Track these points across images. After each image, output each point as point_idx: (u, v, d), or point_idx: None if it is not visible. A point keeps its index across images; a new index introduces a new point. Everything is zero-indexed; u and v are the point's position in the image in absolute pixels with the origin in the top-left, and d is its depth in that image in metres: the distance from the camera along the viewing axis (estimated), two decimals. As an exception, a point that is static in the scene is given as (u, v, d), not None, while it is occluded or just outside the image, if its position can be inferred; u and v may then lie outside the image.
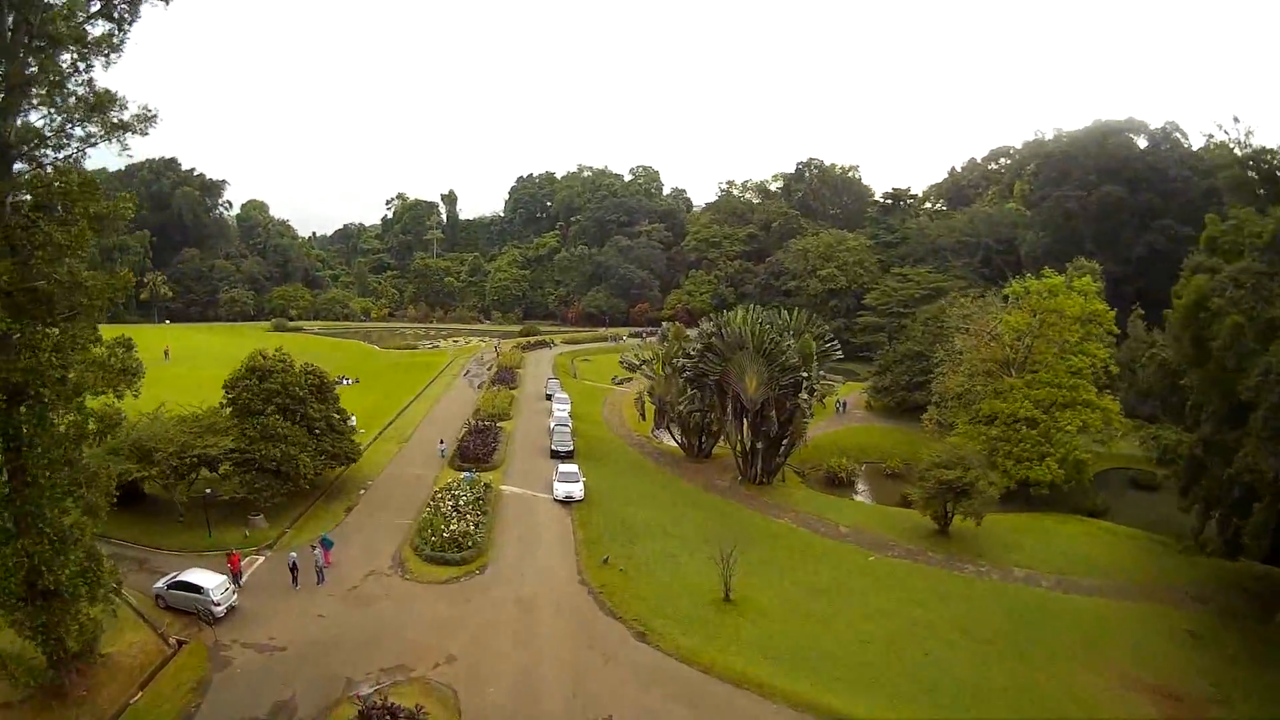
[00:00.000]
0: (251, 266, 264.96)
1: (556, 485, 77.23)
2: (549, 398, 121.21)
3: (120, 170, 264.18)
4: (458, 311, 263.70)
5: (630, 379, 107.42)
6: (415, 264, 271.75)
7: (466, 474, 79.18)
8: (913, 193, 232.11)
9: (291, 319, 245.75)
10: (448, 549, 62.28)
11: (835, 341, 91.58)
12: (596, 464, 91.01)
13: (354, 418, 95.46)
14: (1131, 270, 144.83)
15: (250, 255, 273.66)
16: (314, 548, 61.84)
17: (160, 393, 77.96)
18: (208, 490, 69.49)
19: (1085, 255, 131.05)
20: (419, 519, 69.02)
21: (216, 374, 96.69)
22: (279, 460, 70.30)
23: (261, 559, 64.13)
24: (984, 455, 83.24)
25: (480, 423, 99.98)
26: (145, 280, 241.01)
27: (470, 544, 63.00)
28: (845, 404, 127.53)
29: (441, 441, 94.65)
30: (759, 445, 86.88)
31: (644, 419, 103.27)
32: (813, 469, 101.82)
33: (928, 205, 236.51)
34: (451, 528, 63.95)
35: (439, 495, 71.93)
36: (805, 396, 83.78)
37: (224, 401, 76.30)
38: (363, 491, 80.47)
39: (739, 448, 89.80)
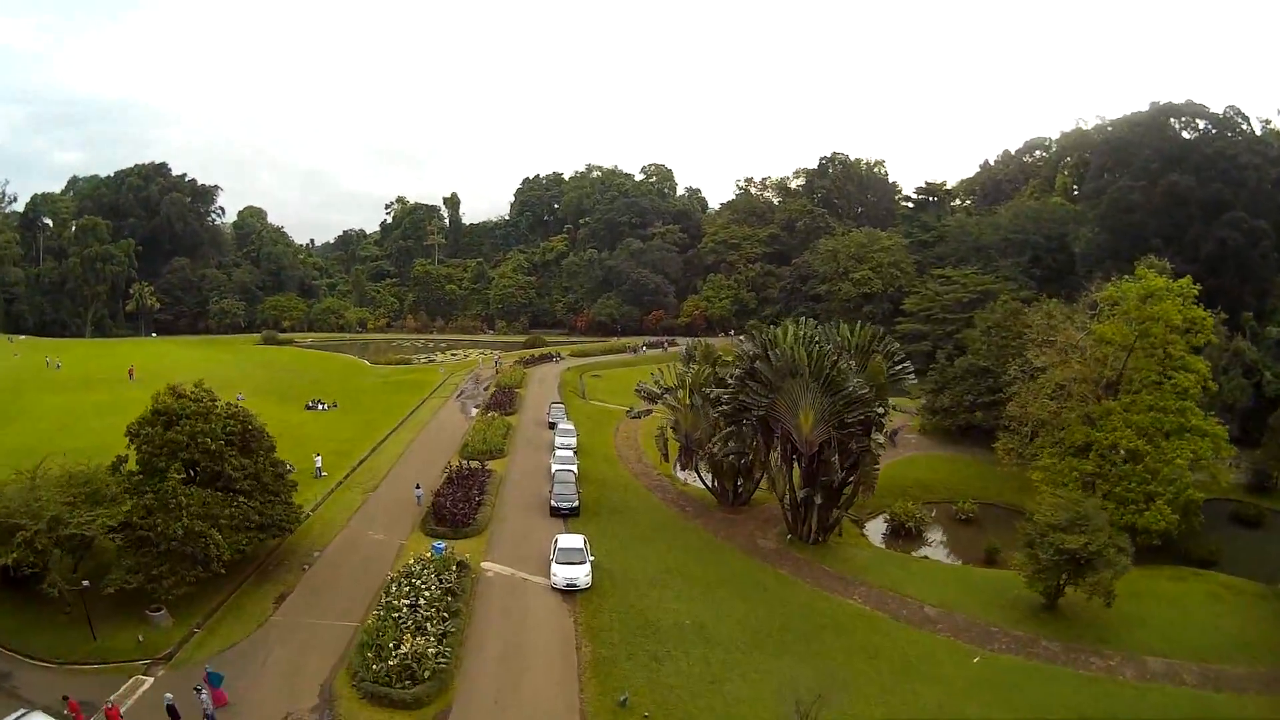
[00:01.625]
0: (243, 275, 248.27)
1: (555, 568, 56.58)
2: (552, 426, 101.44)
3: (108, 177, 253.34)
4: (459, 321, 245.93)
5: (649, 410, 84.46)
6: (415, 271, 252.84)
7: (436, 547, 58.76)
8: (947, 187, 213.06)
9: (284, 331, 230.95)
10: (396, 681, 42.09)
11: (908, 363, 70.86)
12: (609, 519, 71.76)
13: (319, 457, 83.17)
14: (1200, 268, 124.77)
15: (243, 264, 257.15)
16: (198, 689, 41.27)
17: (110, 424, 68.67)
18: (85, 582, 49.13)
19: (1150, 252, 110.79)
20: (365, 623, 48.90)
21: None
22: (181, 538, 50.26)
23: (149, 682, 44.71)
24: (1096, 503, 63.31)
25: (465, 465, 79.93)
26: (131, 291, 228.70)
27: (428, 672, 42.76)
28: (896, 431, 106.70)
29: (418, 486, 75.39)
30: (815, 497, 66.52)
31: (666, 459, 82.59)
32: (869, 514, 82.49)
33: (956, 201, 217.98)
34: (403, 648, 43.38)
35: (395, 585, 51.32)
36: (879, 438, 63.97)
37: (120, 458, 58.45)
38: (306, 568, 60.60)
39: (787, 498, 69.57)
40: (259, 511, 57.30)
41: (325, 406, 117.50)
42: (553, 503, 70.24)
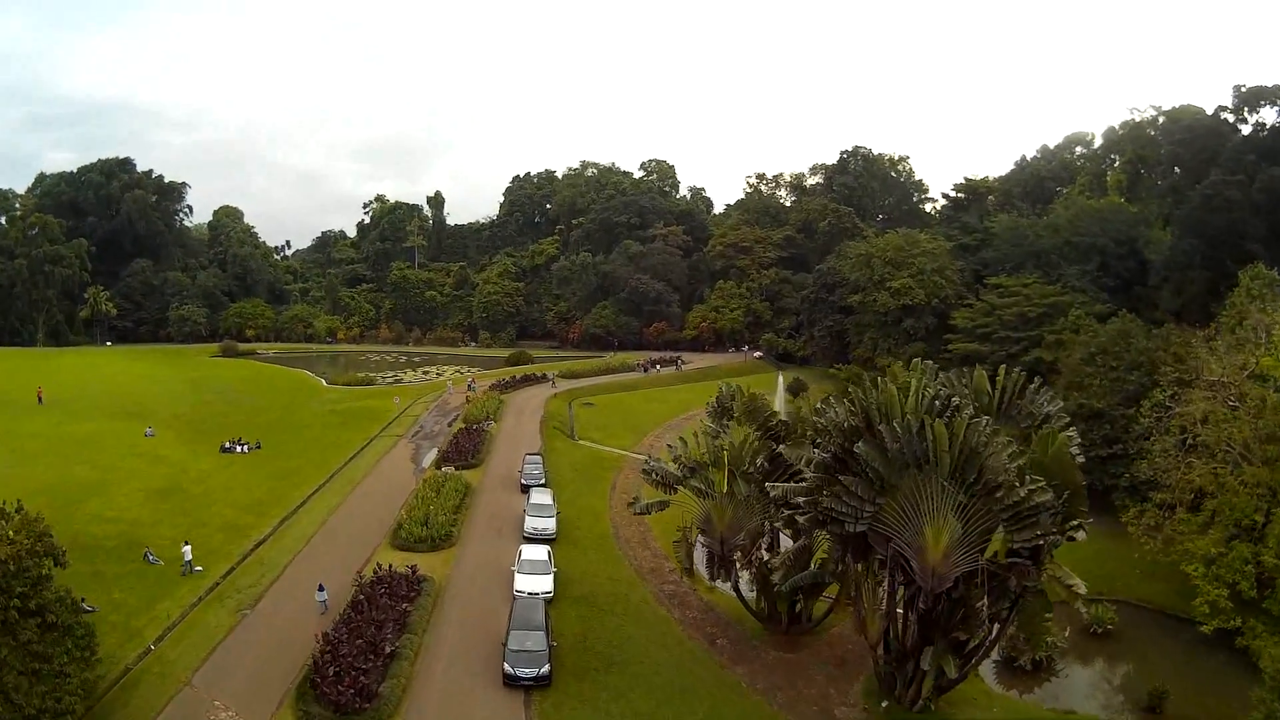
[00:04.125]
0: (208, 280, 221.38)
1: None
2: (525, 490, 73.38)
3: (68, 173, 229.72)
4: (440, 331, 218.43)
5: (664, 504, 54.73)
6: (392, 275, 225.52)
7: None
8: (988, 184, 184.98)
9: (247, 340, 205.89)
10: None
11: (1072, 431, 43.38)
12: (600, 684, 44.04)
13: (188, 547, 56.95)
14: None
15: (210, 267, 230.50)
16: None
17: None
18: None
19: (1252, 259, 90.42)
20: None
21: (88, 431, 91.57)
22: None
23: None
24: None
25: (387, 570, 51.71)
26: (86, 296, 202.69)
27: None
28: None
29: (322, 589, 51.01)
30: (938, 661, 39.08)
31: (689, 572, 53.49)
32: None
33: (990, 199, 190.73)
34: None
35: None
36: (1060, 574, 38.01)
37: None
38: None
39: (892, 645, 42.42)
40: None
41: (245, 448, 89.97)
42: (507, 666, 41.68)
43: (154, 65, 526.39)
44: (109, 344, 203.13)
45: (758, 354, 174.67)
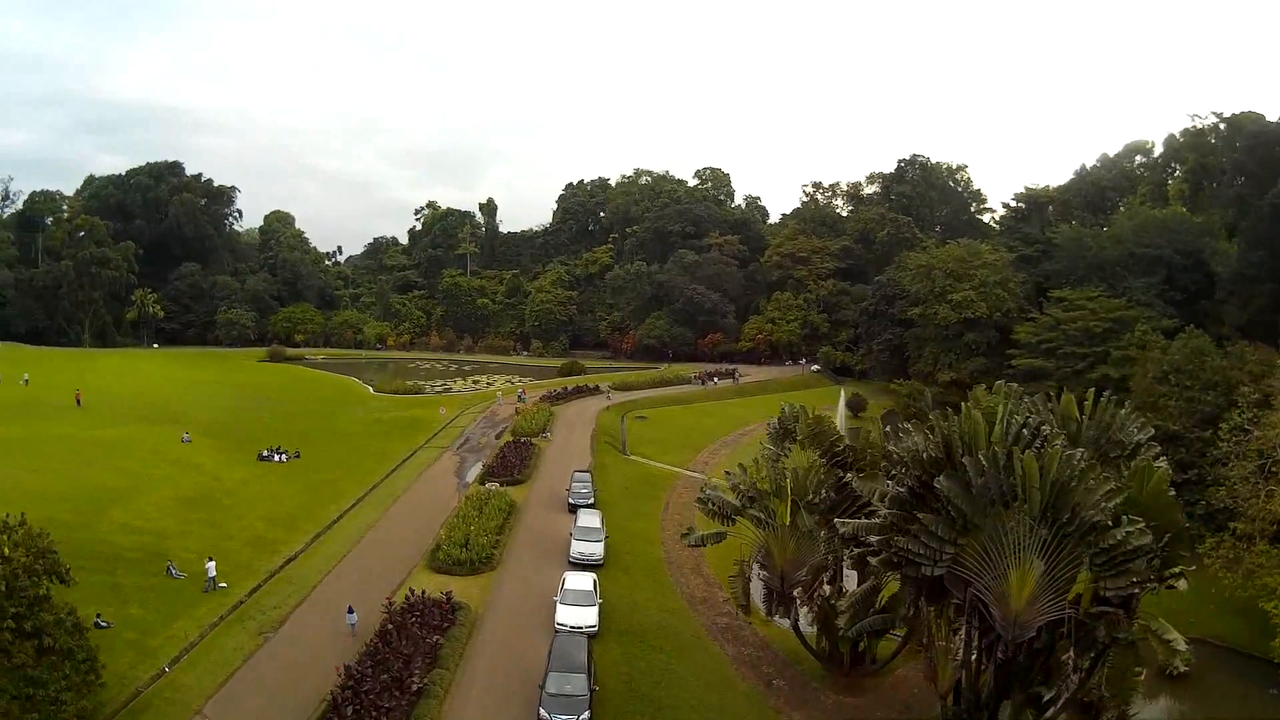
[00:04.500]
0: (257, 284, 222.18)
1: None
2: (573, 510, 69.95)
3: (116, 175, 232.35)
4: (491, 340, 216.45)
5: (720, 535, 50.81)
6: (443, 282, 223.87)
7: None
8: (1049, 193, 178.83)
9: (295, 345, 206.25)
10: None
11: (1161, 462, 39.19)
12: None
13: (213, 563, 54.39)
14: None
15: (259, 271, 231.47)
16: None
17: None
18: None
19: None
20: None
21: (122, 435, 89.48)
22: None
23: None
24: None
25: (420, 596, 48.40)
26: (133, 298, 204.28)
27: None
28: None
29: (352, 611, 48.57)
30: (1015, 699, 35.64)
31: (745, 609, 49.79)
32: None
33: (1050, 209, 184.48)
34: None
35: None
36: (1157, 627, 34.92)
37: None
38: None
39: (965, 695, 37.89)
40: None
41: (283, 457, 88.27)
42: (543, 711, 37.59)
43: (205, 71, 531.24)
44: (155, 346, 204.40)
45: (815, 367, 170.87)
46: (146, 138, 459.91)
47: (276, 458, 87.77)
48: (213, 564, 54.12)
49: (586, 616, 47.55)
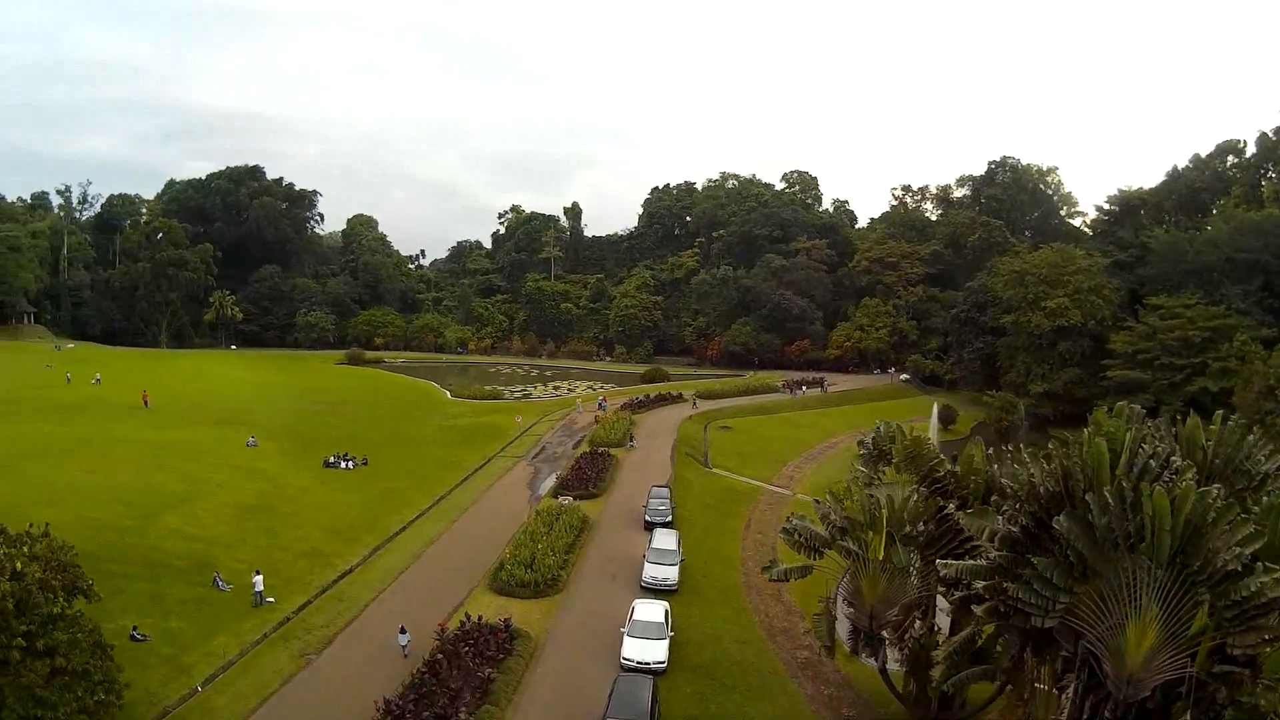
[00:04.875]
0: (338, 287, 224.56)
1: None
2: (649, 527, 65.81)
3: (197, 180, 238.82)
4: (573, 345, 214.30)
5: (806, 569, 45.88)
6: (527, 286, 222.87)
7: None
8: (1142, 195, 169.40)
9: (375, 348, 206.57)
10: None
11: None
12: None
13: (259, 577, 52.00)
14: None
15: (340, 275, 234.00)
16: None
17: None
18: None
19: None
20: None
21: (186, 438, 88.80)
22: None
23: None
24: None
25: (475, 623, 44.98)
26: (211, 300, 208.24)
27: None
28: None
29: (404, 631, 45.75)
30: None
31: (830, 650, 44.49)
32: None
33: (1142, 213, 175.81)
34: None
35: None
36: None
37: None
38: None
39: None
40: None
41: (350, 464, 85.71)
42: None
43: (288, 79, 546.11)
44: (233, 348, 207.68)
45: (904, 377, 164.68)
46: (231, 144, 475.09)
47: (343, 464, 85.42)
48: (260, 578, 51.56)
49: (655, 652, 43.58)
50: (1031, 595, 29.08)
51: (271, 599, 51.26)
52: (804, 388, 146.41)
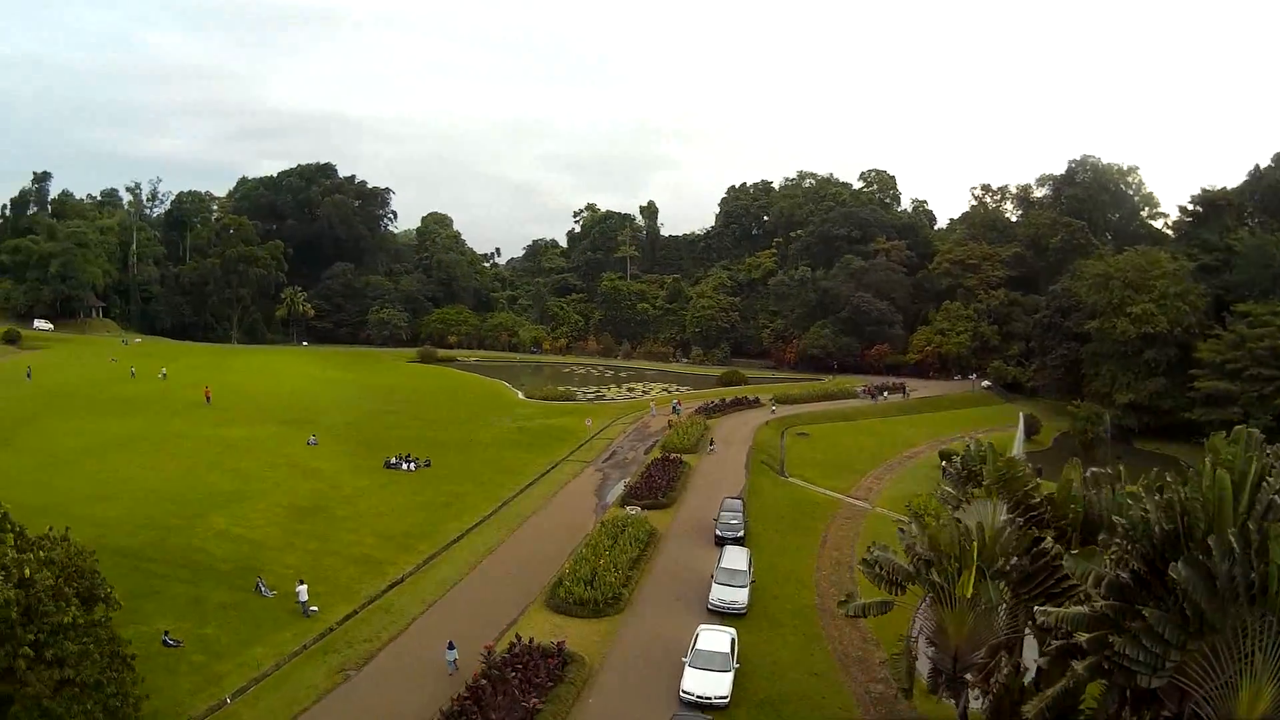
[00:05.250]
0: (410, 284, 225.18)
1: None
2: (720, 541, 61.99)
3: (268, 177, 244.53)
4: (649, 345, 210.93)
5: (886, 605, 41.91)
6: (602, 286, 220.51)
7: None
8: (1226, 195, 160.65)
9: (448, 346, 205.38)
10: None
11: None
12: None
13: (304, 586, 49.89)
14: None
15: (414, 272, 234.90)
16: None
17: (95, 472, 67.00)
18: None
19: None
20: None
21: (245, 435, 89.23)
22: None
23: None
24: None
25: (526, 646, 42.02)
26: (283, 296, 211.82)
27: None
28: None
29: (452, 647, 43.11)
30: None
31: (908, 693, 40.07)
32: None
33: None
34: None
35: None
36: None
37: None
38: None
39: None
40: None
41: (412, 466, 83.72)
42: None
43: (364, 80, 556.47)
44: (305, 344, 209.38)
45: (985, 384, 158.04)
46: (307, 145, 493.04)
47: (404, 466, 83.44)
48: (304, 587, 49.46)
49: (717, 685, 40.06)
50: (1140, 652, 25.40)
51: (315, 608, 49.06)
52: (885, 393, 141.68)
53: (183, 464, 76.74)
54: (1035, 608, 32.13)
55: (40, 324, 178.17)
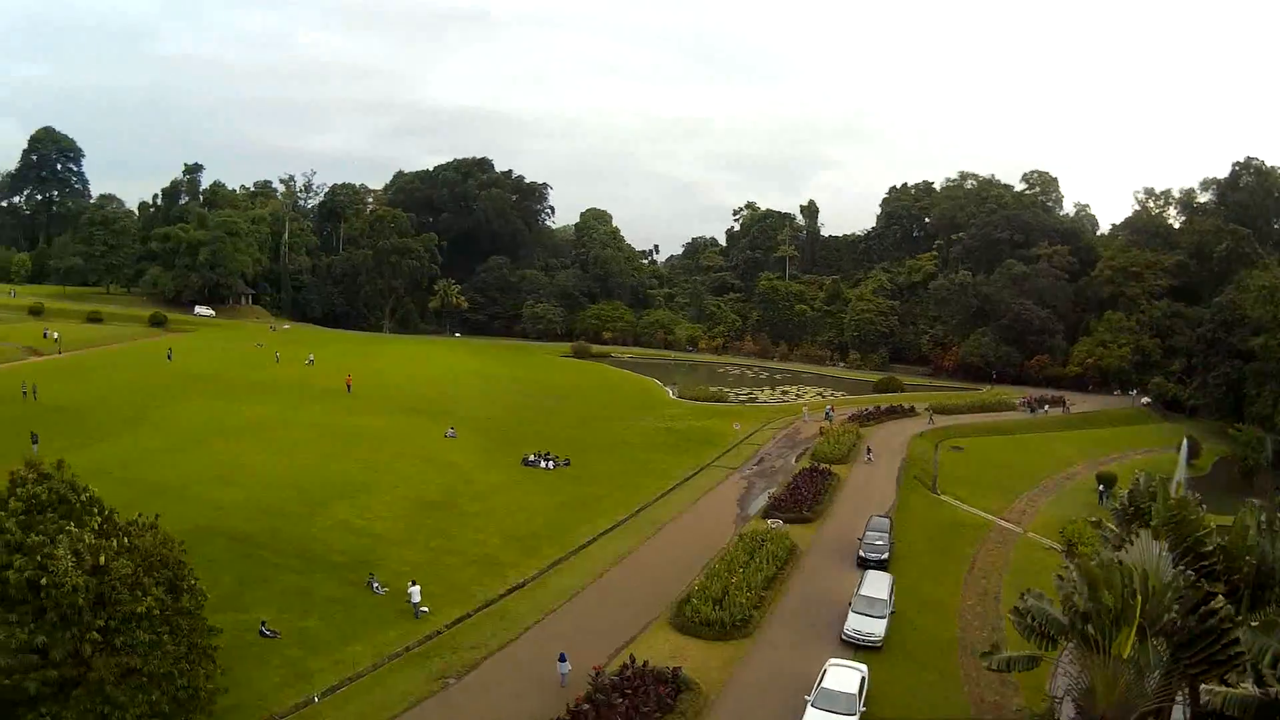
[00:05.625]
0: (566, 279, 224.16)
1: None
2: (863, 564, 56.98)
3: (424, 171, 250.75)
4: (805, 348, 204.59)
5: (1035, 659, 36.07)
6: (760, 286, 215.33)
7: None
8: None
9: (602, 342, 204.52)
10: None
11: None
12: None
13: (416, 588, 47.40)
14: None
15: (570, 267, 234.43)
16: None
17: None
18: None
19: None
20: None
21: (382, 425, 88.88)
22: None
23: None
24: None
25: (639, 670, 38.39)
26: (435, 288, 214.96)
27: None
28: None
29: (563, 659, 40.24)
30: None
31: None
32: None
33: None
34: None
35: None
36: None
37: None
38: None
39: None
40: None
41: (551, 464, 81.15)
42: None
43: (526, 78, 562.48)
44: (457, 335, 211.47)
45: (1145, 400, 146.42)
46: (469, 140, 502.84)
47: (543, 464, 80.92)
48: (416, 589, 47.05)
49: None
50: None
51: (426, 609, 46.63)
52: (1046, 407, 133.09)
53: (313, 451, 76.11)
54: (1201, 684, 26.72)
55: (201, 309, 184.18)
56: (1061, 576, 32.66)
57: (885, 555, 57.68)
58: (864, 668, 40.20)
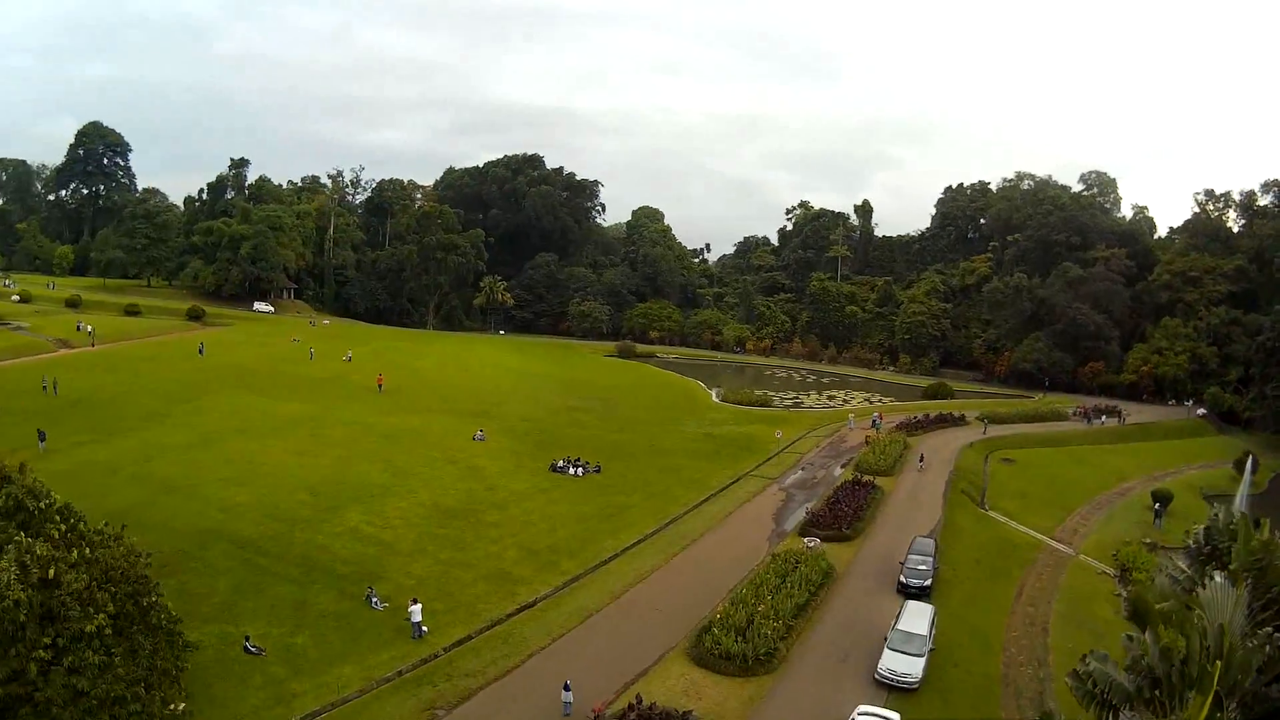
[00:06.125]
0: (615, 278, 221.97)
1: None
2: (904, 590, 52.96)
3: (474, 167, 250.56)
4: (856, 350, 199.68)
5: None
6: (811, 286, 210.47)
7: None
8: None
9: (648, 341, 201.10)
10: None
11: None
12: None
13: (418, 605, 44.37)
14: None
15: (620, 265, 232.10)
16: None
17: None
18: None
19: None
20: None
21: (408, 426, 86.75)
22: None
23: None
24: None
25: (658, 714, 34.81)
26: (481, 284, 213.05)
27: None
28: None
29: (568, 688, 37.50)
30: None
31: None
32: None
33: None
34: None
35: None
36: None
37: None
38: None
39: None
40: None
41: (580, 470, 77.90)
42: None
43: (586, 75, 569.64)
44: (502, 332, 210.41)
45: (1201, 411, 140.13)
46: (529, 137, 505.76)
47: (572, 470, 77.67)
48: (418, 607, 44.01)
49: None
50: None
51: (426, 629, 43.64)
52: (1103, 417, 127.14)
53: (336, 452, 73.58)
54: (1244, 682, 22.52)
55: (260, 305, 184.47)
56: (1131, 637, 28.45)
57: (928, 581, 53.40)
58: (896, 717, 36.17)
